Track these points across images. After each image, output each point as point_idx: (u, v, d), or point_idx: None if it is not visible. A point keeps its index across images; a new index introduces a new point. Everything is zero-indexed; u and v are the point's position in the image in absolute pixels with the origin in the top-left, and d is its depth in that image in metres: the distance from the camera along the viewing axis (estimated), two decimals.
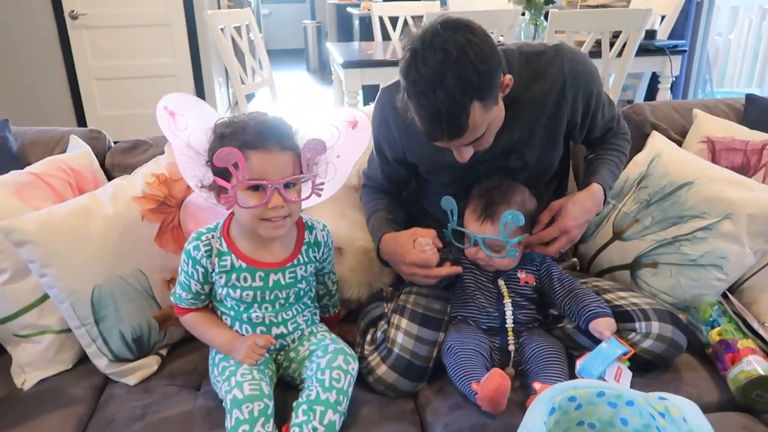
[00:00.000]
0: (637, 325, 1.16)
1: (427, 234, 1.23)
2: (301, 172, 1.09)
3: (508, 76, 1.09)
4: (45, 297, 1.23)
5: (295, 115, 1.14)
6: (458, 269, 1.23)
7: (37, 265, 1.16)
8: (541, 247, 1.24)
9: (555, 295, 1.24)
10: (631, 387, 0.93)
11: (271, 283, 1.14)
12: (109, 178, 1.48)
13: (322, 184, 1.14)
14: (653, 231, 1.39)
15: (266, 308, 1.16)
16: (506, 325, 1.22)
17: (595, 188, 1.27)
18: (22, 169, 1.34)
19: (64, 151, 1.50)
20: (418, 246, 1.20)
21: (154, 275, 1.28)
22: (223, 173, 1.05)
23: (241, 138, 1.03)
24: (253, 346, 1.10)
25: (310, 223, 1.21)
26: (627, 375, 1.10)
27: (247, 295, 1.13)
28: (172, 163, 1.39)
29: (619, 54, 2.76)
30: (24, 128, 1.58)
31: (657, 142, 1.55)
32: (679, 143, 1.58)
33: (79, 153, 1.45)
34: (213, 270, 1.12)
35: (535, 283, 1.26)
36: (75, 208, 1.23)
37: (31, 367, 1.24)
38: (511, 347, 1.20)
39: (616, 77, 2.83)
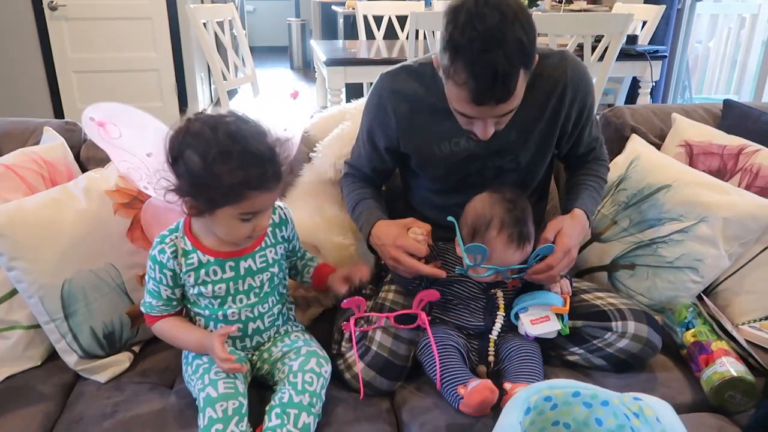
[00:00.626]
0: (613, 324, 1.17)
1: (423, 227, 1.20)
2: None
3: (537, 56, 1.06)
4: (14, 292, 1.20)
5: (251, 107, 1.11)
6: (442, 273, 1.18)
7: (5, 258, 1.13)
8: (549, 274, 1.16)
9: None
10: (607, 387, 0.93)
11: (242, 271, 1.11)
12: (84, 171, 1.45)
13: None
14: (631, 233, 1.40)
15: (240, 300, 1.13)
16: (490, 336, 1.20)
17: (579, 213, 1.25)
18: None
19: (37, 143, 1.46)
20: (412, 234, 1.18)
21: (127, 271, 1.26)
22: (209, 197, 0.99)
23: (239, 176, 0.96)
24: (220, 359, 1.03)
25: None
26: (551, 326, 1.15)
27: (220, 288, 1.11)
28: None
29: (601, 58, 2.78)
30: None
31: (636, 145, 1.56)
32: (658, 147, 1.60)
33: (53, 145, 1.41)
34: (181, 270, 1.09)
35: (520, 285, 1.25)
36: (46, 201, 1.20)
37: None
38: (491, 358, 1.19)
39: (597, 81, 2.85)
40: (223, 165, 0.95)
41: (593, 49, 2.74)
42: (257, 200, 1.00)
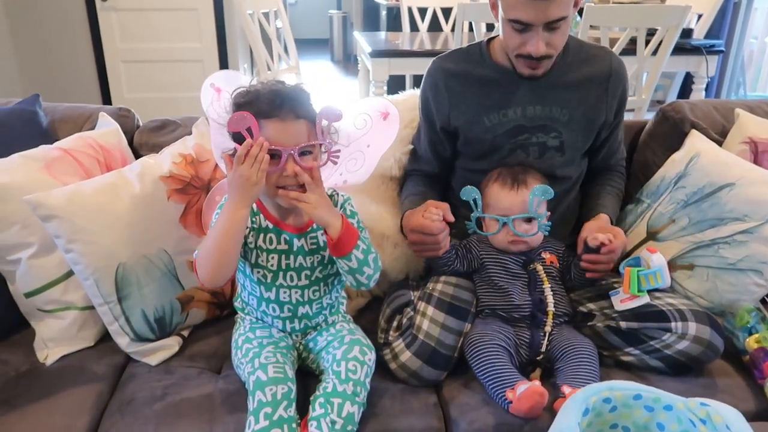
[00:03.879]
0: (673, 325, 1.13)
1: (439, 206, 1.23)
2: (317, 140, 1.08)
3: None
4: (70, 273, 1.22)
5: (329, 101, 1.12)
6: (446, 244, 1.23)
7: (63, 241, 1.15)
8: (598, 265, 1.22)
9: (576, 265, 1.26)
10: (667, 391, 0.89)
11: (295, 248, 1.13)
12: (137, 156, 1.47)
13: (338, 151, 1.12)
14: (690, 232, 1.34)
15: (291, 278, 1.14)
16: (547, 309, 1.20)
17: (605, 217, 1.34)
18: (51, 144, 1.33)
19: (92, 128, 1.49)
20: (427, 215, 1.20)
21: (179, 256, 1.27)
22: (241, 140, 1.04)
23: (255, 106, 1.04)
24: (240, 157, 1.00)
25: (330, 192, 1.18)
26: (636, 302, 1.17)
27: (273, 259, 1.12)
28: (200, 143, 1.38)
29: (654, 52, 2.68)
30: (54, 104, 1.58)
31: (696, 141, 1.50)
32: (719, 143, 1.52)
33: (108, 130, 1.44)
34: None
35: (559, 264, 1.26)
36: (102, 185, 1.22)
37: (54, 342, 1.23)
38: (548, 328, 1.18)
39: (650, 76, 2.76)
40: (246, 104, 1.05)
41: (647, 42, 2.65)
42: (270, 129, 1.03)
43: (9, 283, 1.25)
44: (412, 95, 1.60)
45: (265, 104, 1.04)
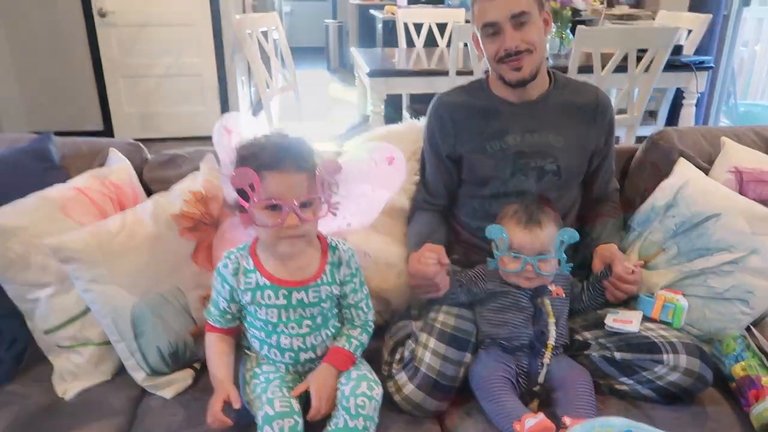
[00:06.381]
0: (664, 357, 1.18)
1: (434, 249, 1.30)
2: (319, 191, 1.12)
3: (548, 12, 1.38)
4: (87, 309, 1.27)
5: (342, 145, 1.17)
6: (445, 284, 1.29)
7: (82, 282, 1.20)
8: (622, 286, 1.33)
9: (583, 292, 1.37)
10: (656, 419, 0.95)
11: (294, 302, 1.15)
12: (147, 191, 1.52)
13: (338, 203, 1.16)
14: (680, 261, 1.40)
15: (292, 328, 1.17)
16: (548, 341, 1.24)
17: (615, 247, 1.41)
18: (63, 181, 1.38)
19: (102, 164, 1.53)
20: (423, 260, 1.27)
21: (191, 292, 1.32)
22: (243, 193, 1.09)
23: (259, 159, 1.08)
24: (211, 413, 1.10)
25: (334, 244, 1.22)
26: (628, 328, 1.25)
27: (272, 313, 1.15)
28: (208, 179, 1.43)
29: (645, 70, 2.75)
30: (63, 139, 1.61)
31: (684, 169, 1.54)
32: (706, 171, 1.58)
33: (120, 167, 1.49)
34: (239, 287, 1.16)
35: (564, 296, 1.30)
36: (118, 226, 1.26)
37: (73, 376, 1.28)
38: (546, 360, 1.22)
39: (641, 93, 2.82)
40: (249, 156, 1.10)
41: (638, 60, 2.71)
42: (272, 181, 1.07)
43: (27, 320, 1.30)
44: (411, 125, 1.66)
45: (268, 157, 1.08)
